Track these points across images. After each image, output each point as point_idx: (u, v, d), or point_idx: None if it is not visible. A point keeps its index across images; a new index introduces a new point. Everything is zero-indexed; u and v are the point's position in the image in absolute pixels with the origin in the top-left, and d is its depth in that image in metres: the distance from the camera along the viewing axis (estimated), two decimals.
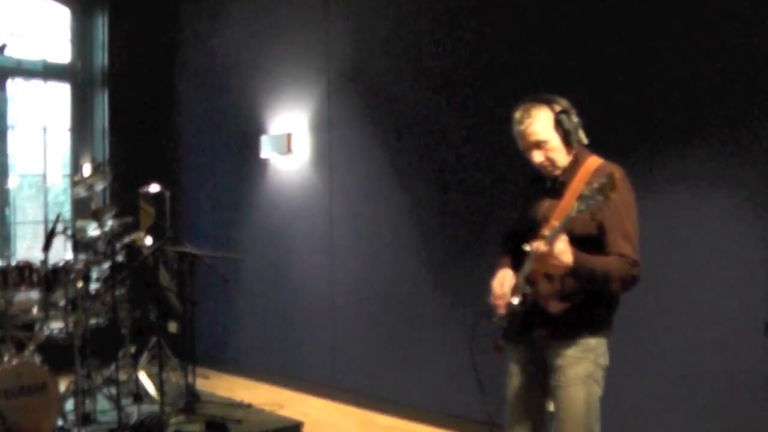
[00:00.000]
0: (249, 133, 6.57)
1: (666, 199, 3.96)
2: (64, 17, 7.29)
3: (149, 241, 5.53)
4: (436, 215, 5.13)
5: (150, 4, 7.45)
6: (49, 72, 7.13)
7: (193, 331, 5.28)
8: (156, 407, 4.88)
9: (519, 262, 2.81)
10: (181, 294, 5.23)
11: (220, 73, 6.92)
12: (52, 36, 7.23)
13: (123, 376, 5.24)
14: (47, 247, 4.73)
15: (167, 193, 6.08)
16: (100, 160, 7.00)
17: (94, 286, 5.25)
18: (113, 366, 5.22)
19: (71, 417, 4.72)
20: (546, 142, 2.78)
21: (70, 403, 4.84)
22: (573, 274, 2.62)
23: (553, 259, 2.56)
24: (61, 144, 7.27)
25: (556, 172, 2.82)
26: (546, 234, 2.58)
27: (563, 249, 2.56)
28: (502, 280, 2.86)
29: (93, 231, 5.43)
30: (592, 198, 2.46)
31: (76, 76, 7.30)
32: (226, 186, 6.90)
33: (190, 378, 5.24)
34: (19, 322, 4.87)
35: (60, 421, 4.59)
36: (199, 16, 7.14)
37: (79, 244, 5.17)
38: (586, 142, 2.84)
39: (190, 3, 7.29)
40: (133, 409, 4.99)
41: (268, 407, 5.43)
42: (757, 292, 3.66)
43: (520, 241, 2.77)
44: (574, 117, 2.80)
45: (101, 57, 7.30)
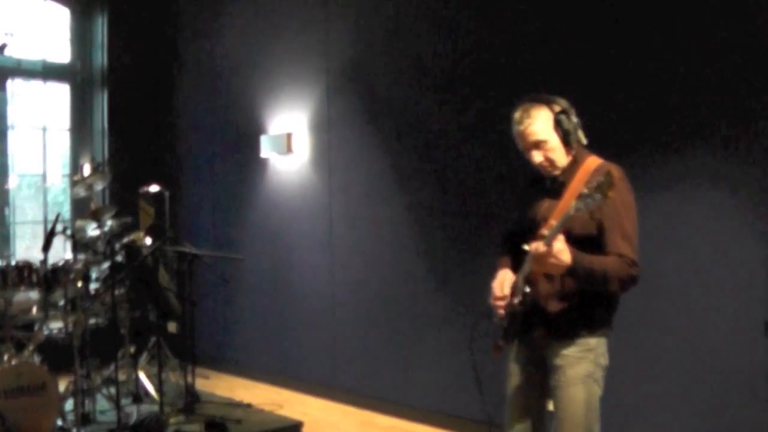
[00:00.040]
0: (248, 133, 6.57)
1: (666, 199, 3.95)
2: (63, 17, 7.28)
3: (149, 241, 5.53)
4: (436, 215, 5.12)
5: (149, 4, 7.45)
6: (48, 72, 7.12)
7: (192, 331, 5.28)
8: (155, 407, 4.89)
9: (519, 263, 2.81)
10: (181, 294, 5.23)
11: (219, 73, 6.91)
12: (52, 36, 7.22)
13: (122, 376, 5.24)
14: (47, 247, 4.73)
15: (167, 193, 6.09)
16: (99, 160, 7.00)
17: (93, 286, 5.24)
18: (113, 366, 5.20)
19: (71, 417, 4.72)
20: (545, 142, 2.78)
21: (69, 403, 4.84)
22: (571, 274, 2.62)
23: (552, 259, 2.56)
24: (61, 144, 7.27)
25: (556, 172, 2.82)
26: (545, 233, 2.58)
27: (561, 248, 2.56)
28: (502, 281, 2.86)
29: (92, 231, 5.44)
30: (590, 197, 2.46)
31: (75, 76, 7.29)
32: (226, 186, 6.89)
33: (190, 378, 5.24)
34: (19, 322, 4.87)
35: (59, 421, 4.58)
36: (199, 16, 7.14)
37: (79, 244, 5.16)
38: (585, 143, 2.84)
39: (190, 3, 7.29)
40: (132, 409, 4.99)
41: (267, 407, 5.43)
42: (757, 292, 3.65)
43: (520, 242, 2.77)
44: (574, 117, 2.80)
45: (101, 57, 7.29)
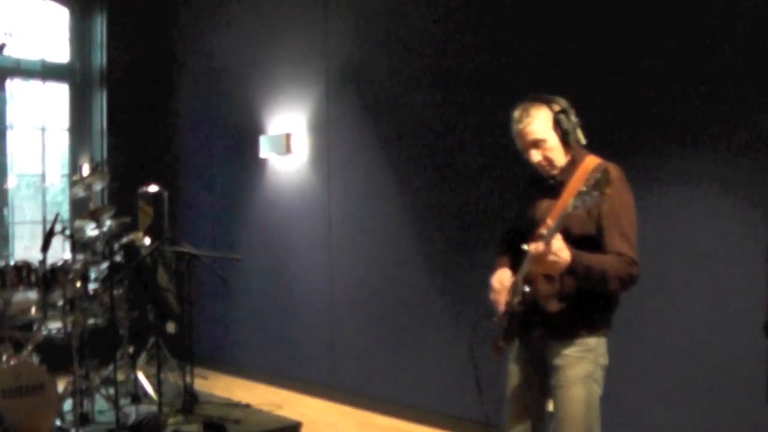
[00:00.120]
0: (247, 133, 6.57)
1: (666, 199, 3.95)
2: (62, 17, 7.28)
3: (147, 241, 5.53)
4: (436, 215, 5.12)
5: (148, 4, 7.45)
6: (47, 72, 7.12)
7: (191, 332, 5.27)
8: (154, 407, 4.88)
9: (517, 263, 2.81)
10: (180, 294, 5.22)
11: (218, 73, 6.91)
12: (51, 36, 7.22)
13: (121, 377, 5.24)
14: (45, 247, 4.72)
15: (165, 193, 6.09)
16: (98, 160, 7.00)
17: (92, 286, 5.24)
18: (111, 366, 5.21)
19: (69, 417, 4.71)
20: (544, 141, 2.77)
21: (68, 404, 4.84)
22: (571, 272, 2.61)
23: (551, 256, 2.55)
24: (60, 144, 7.27)
25: (554, 171, 2.82)
26: (543, 233, 2.58)
27: (560, 246, 2.55)
28: (501, 281, 2.86)
29: (91, 231, 5.43)
30: (588, 194, 2.45)
31: (74, 76, 7.29)
32: (225, 186, 6.89)
33: (189, 378, 5.23)
34: (18, 322, 4.86)
35: (58, 422, 4.58)
36: (198, 17, 7.13)
37: (78, 244, 5.16)
38: (584, 142, 2.83)
39: (189, 3, 7.28)
40: (131, 410, 5.00)
41: (266, 407, 5.42)
42: (757, 292, 3.65)
43: (519, 242, 2.76)
44: (573, 117, 2.80)
45: (100, 57, 7.29)
